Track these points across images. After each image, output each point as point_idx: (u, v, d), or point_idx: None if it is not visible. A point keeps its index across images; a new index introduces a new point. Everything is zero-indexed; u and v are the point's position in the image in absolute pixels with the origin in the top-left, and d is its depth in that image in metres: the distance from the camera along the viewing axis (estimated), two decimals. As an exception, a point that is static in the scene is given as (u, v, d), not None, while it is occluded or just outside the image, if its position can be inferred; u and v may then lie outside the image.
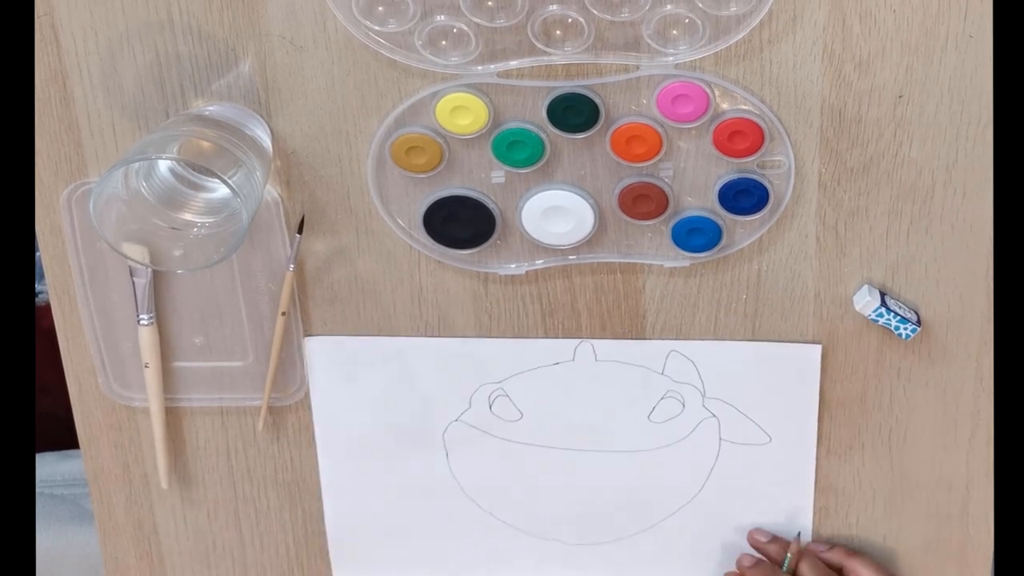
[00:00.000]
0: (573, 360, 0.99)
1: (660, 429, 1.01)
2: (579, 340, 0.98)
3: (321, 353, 1.00)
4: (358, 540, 1.07)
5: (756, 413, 1.00)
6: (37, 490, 1.18)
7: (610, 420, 1.01)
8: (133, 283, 0.97)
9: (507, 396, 1.01)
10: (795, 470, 1.01)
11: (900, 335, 0.95)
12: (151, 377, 0.99)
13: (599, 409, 1.01)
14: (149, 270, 0.96)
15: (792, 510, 1.03)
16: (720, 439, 1.01)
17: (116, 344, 1.00)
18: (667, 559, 1.05)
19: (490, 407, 1.01)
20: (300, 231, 0.95)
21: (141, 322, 0.98)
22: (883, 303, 0.94)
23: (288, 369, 1.01)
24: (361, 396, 1.01)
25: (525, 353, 0.99)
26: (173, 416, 1.03)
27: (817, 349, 0.97)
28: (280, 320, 0.97)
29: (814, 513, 1.03)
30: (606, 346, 0.98)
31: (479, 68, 0.89)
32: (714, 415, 1.00)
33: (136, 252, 0.93)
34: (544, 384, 1.00)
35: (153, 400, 1.00)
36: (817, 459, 1.01)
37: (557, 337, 0.98)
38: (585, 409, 1.01)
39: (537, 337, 0.98)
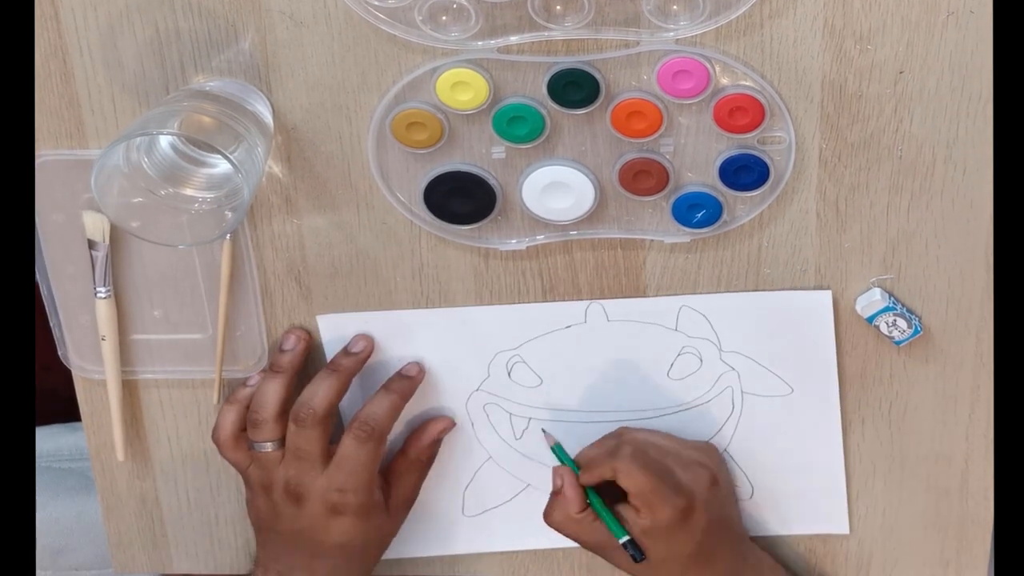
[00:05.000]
0: (585, 322, 0.99)
1: (680, 387, 1.00)
2: (589, 301, 0.98)
3: (332, 330, 1.00)
4: None
5: (775, 364, 0.99)
6: (44, 464, 1.19)
7: (629, 381, 1.00)
8: (92, 256, 0.96)
9: (524, 362, 1.00)
10: (820, 418, 1.00)
11: (894, 341, 0.96)
12: (108, 350, 0.99)
13: (617, 370, 1.00)
14: (106, 243, 0.96)
15: (822, 461, 1.02)
16: (742, 392, 1.00)
17: (74, 316, 1.00)
18: None
19: (508, 374, 1.01)
20: None
21: (99, 295, 0.98)
22: (892, 307, 0.95)
23: (246, 341, 1.00)
24: (378, 371, 1.01)
25: (536, 318, 0.99)
26: (169, 389, 1.03)
27: (828, 295, 0.96)
28: (223, 289, 0.97)
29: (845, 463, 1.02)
30: (617, 306, 0.98)
31: (479, 43, 0.89)
32: (733, 368, 1.00)
33: (99, 224, 0.94)
34: (559, 348, 1.00)
35: (110, 373, 1.00)
36: (817, 433, 1.02)
37: (565, 300, 0.98)
38: (603, 371, 1.00)
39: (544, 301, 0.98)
